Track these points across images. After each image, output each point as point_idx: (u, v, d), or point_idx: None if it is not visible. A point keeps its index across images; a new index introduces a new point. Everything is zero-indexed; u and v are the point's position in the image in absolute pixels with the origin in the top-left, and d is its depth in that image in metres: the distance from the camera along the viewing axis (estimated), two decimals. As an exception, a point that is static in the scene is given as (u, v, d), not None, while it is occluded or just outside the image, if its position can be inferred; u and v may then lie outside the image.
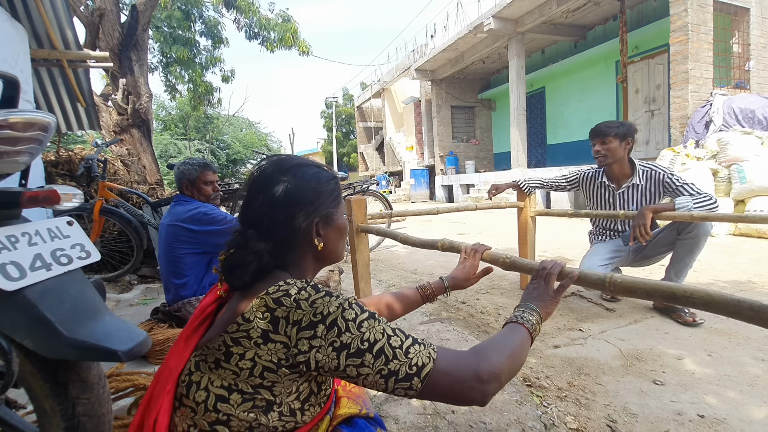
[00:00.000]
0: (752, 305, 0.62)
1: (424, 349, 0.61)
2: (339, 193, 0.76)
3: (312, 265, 0.74)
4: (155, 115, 17.66)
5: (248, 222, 0.71)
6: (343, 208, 0.77)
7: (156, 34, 6.92)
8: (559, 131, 10.92)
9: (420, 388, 0.59)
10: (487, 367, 0.61)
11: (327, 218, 0.72)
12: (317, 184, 0.72)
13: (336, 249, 0.76)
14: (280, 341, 0.58)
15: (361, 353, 0.58)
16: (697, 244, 1.94)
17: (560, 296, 0.80)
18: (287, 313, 0.58)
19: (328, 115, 25.09)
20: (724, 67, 6.03)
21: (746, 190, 4.16)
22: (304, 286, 0.61)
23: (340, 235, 0.76)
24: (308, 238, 0.70)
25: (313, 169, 0.74)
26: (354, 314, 0.60)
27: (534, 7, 7.82)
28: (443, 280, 1.06)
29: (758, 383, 1.37)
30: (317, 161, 0.79)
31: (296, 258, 0.71)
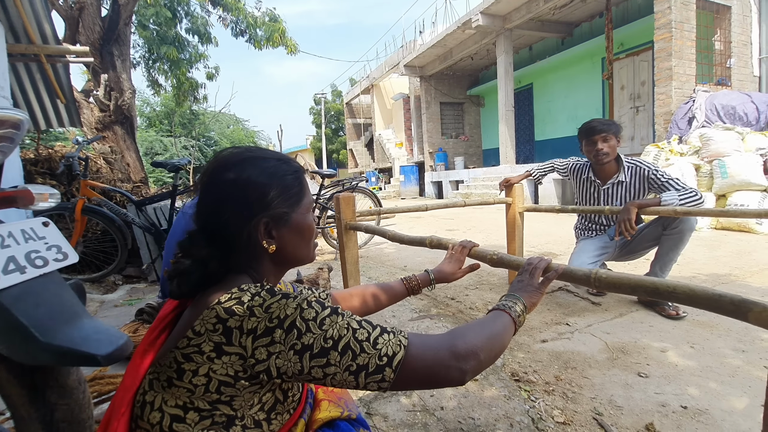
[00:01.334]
0: (732, 299, 0.63)
1: (393, 338, 0.58)
2: (300, 189, 0.69)
3: (271, 268, 0.69)
4: (139, 112, 17.29)
5: (197, 223, 0.66)
6: (306, 206, 0.70)
7: (141, 31, 6.77)
8: (547, 127, 11.02)
9: (393, 378, 0.56)
10: (464, 344, 0.60)
11: (280, 218, 0.65)
12: (268, 179, 0.65)
13: (297, 251, 0.70)
14: (236, 353, 0.54)
15: (326, 352, 0.55)
16: (681, 239, 1.98)
17: (545, 288, 0.81)
18: (240, 322, 0.54)
19: (317, 111, 24.93)
20: (707, 64, 6.14)
21: (727, 185, 4.26)
22: (258, 292, 0.57)
23: (301, 236, 0.69)
24: (255, 241, 0.64)
25: (270, 162, 0.67)
26: (314, 313, 0.56)
27: (521, 4, 7.85)
28: (429, 272, 1.06)
29: (738, 374, 1.40)
30: (283, 154, 0.73)
31: (251, 261, 0.66)
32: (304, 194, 0.70)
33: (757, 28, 6.33)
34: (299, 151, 26.54)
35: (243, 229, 0.63)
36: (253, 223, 0.63)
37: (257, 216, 0.64)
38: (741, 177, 4.16)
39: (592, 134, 2.12)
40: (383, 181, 15.27)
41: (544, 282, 0.81)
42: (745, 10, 6.22)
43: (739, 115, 5.20)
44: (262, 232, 0.64)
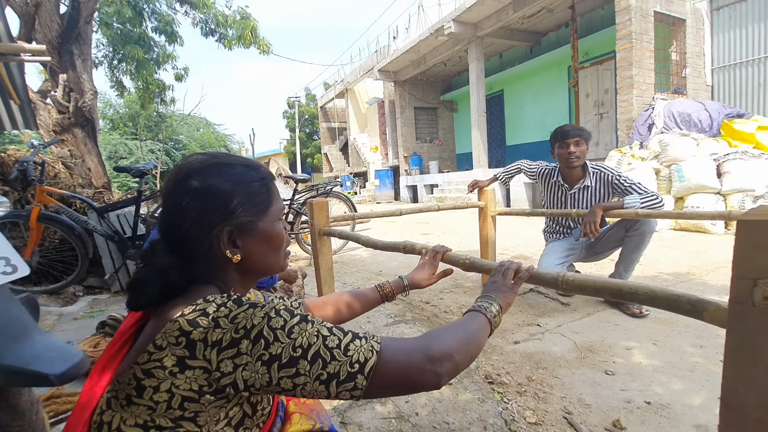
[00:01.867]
0: (689, 300, 0.66)
1: (365, 343, 0.56)
2: (267, 196, 0.67)
3: (238, 278, 0.67)
4: (102, 114, 16.55)
5: (159, 231, 0.64)
6: (274, 214, 0.68)
7: (105, 30, 6.48)
8: (517, 132, 11.33)
9: (366, 385, 0.54)
10: (438, 346, 0.59)
11: (244, 227, 0.63)
12: (232, 186, 0.63)
13: (266, 261, 0.68)
14: (200, 366, 0.52)
15: (295, 361, 0.53)
16: (643, 241, 2.07)
17: (518, 288, 0.82)
18: (204, 334, 0.52)
19: (290, 115, 24.63)
20: (664, 74, 6.50)
21: (684, 188, 4.50)
22: (224, 302, 0.54)
23: (269, 245, 0.67)
24: (217, 250, 0.62)
25: (236, 168, 0.65)
26: (282, 321, 0.54)
27: (492, 12, 8.06)
28: (402, 279, 1.06)
29: (697, 368, 1.48)
30: (252, 160, 0.71)
31: (215, 272, 0.64)
32: (271, 202, 0.68)
33: (709, 41, 6.76)
34: (272, 155, 26.13)
35: (204, 238, 0.61)
36: (215, 232, 0.61)
37: (220, 225, 0.61)
38: (697, 181, 4.41)
39: (565, 137, 2.19)
40: (358, 186, 15.24)
41: (516, 282, 0.83)
42: (698, 23, 6.62)
43: (694, 122, 5.51)
44: (225, 241, 0.62)
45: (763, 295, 0.52)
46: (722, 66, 6.72)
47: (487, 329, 0.70)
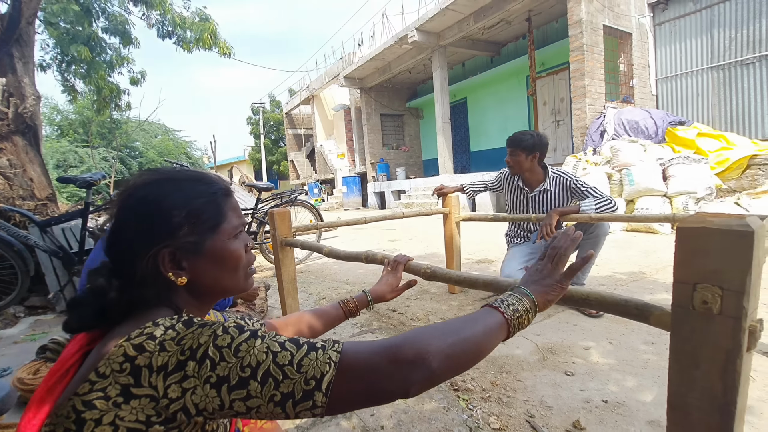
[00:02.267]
0: (636, 305, 0.68)
1: (322, 354, 0.51)
2: (216, 213, 0.62)
3: (191, 301, 0.63)
4: (49, 120, 15.48)
5: (104, 249, 0.61)
6: (226, 232, 0.63)
7: (51, 30, 6.07)
8: (481, 139, 11.66)
9: (326, 402, 0.49)
10: (411, 348, 0.51)
11: (188, 247, 0.59)
12: (174, 203, 0.59)
13: (219, 282, 0.63)
14: (146, 395, 0.47)
15: (244, 383, 0.48)
16: (597, 243, 2.16)
17: (568, 282, 0.68)
18: (149, 359, 0.48)
19: (255, 121, 24.12)
20: (614, 84, 6.90)
21: (634, 191, 4.77)
22: (172, 324, 0.51)
23: (222, 265, 0.63)
24: (158, 272, 0.58)
25: (182, 184, 0.61)
26: (229, 339, 0.50)
27: (454, 23, 8.28)
28: (366, 293, 1.04)
29: (650, 365, 1.55)
30: (206, 174, 0.67)
31: (165, 294, 0.60)
32: (222, 219, 0.63)
33: (653, 53, 7.26)
34: (236, 162, 25.45)
35: (144, 259, 0.57)
36: (152, 253, 0.57)
37: (159, 245, 0.57)
38: (645, 184, 4.69)
39: (508, 146, 2.35)
40: (326, 193, 15.10)
41: (568, 273, 0.68)
42: (643, 37, 7.10)
43: (642, 129, 5.88)
44: (166, 262, 0.58)
45: (702, 299, 0.54)
46: (665, 77, 7.23)
47: (498, 331, 0.59)
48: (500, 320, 0.59)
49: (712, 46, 6.55)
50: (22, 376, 1.55)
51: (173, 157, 17.41)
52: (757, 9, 5.99)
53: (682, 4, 6.87)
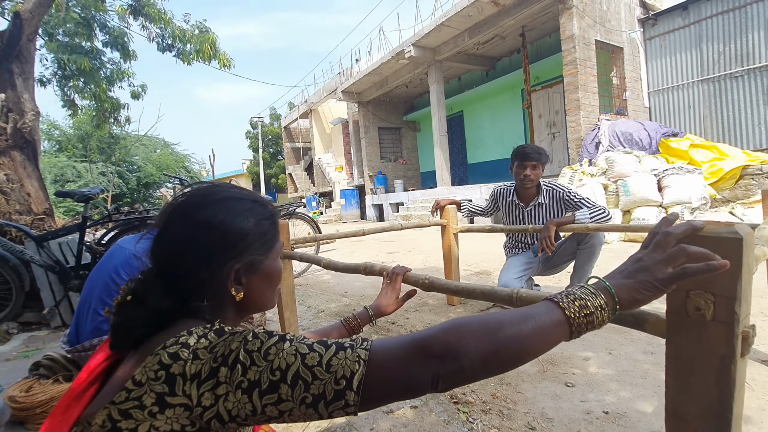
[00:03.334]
0: (632, 312, 0.69)
1: (351, 353, 0.50)
2: (274, 234, 0.67)
3: (232, 315, 0.65)
4: (47, 135, 15.55)
5: (155, 264, 0.61)
6: (277, 251, 0.67)
7: (50, 44, 6.14)
8: (478, 151, 11.76)
9: (358, 401, 0.48)
10: (440, 341, 0.49)
11: (252, 265, 0.62)
12: (244, 223, 0.62)
13: (263, 298, 0.67)
14: (180, 404, 0.47)
15: (275, 386, 0.48)
16: (593, 253, 2.17)
17: (671, 285, 0.52)
18: (183, 368, 0.48)
19: (253, 135, 24.28)
20: (607, 96, 7.02)
21: (630, 202, 4.81)
22: (205, 333, 0.51)
23: (270, 283, 0.66)
24: (223, 287, 0.60)
25: (246, 204, 0.64)
26: (259, 343, 0.50)
27: (449, 38, 8.44)
28: (367, 309, 1.05)
29: (649, 376, 1.54)
30: (259, 195, 0.70)
31: (212, 308, 0.61)
32: (277, 239, 0.67)
33: (644, 67, 7.40)
34: (234, 176, 25.51)
35: (213, 276, 0.59)
36: (225, 270, 0.59)
37: (230, 262, 0.60)
38: (641, 194, 4.73)
39: (524, 159, 2.29)
40: (324, 206, 15.13)
41: (676, 275, 0.51)
42: (634, 51, 7.25)
43: (636, 140, 5.96)
44: (232, 279, 0.60)
45: (695, 305, 0.55)
46: (657, 90, 7.36)
47: (555, 330, 0.52)
48: (558, 318, 0.52)
49: (701, 59, 6.69)
50: (14, 393, 1.52)
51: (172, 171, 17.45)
52: (744, 24, 6.15)
53: (671, 20, 7.04)
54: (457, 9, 7.33)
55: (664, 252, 0.53)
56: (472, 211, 2.65)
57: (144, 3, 6.21)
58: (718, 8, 6.41)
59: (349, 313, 1.05)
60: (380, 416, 1.37)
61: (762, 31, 5.99)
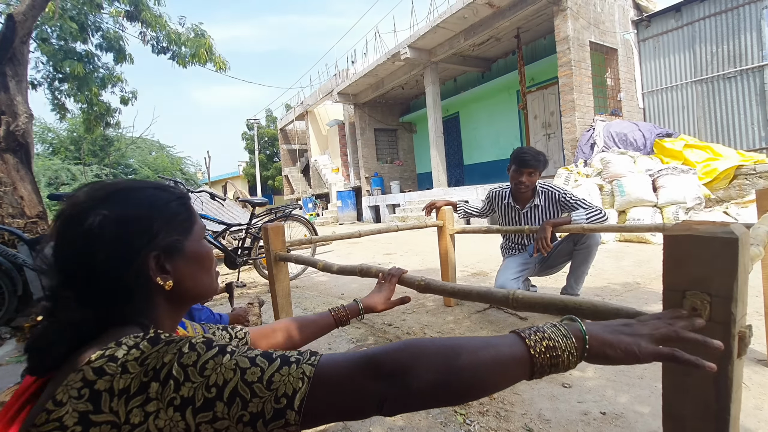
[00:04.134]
0: (628, 312, 0.68)
1: (296, 369, 0.47)
2: (189, 216, 0.63)
3: (168, 310, 0.61)
4: (41, 138, 15.43)
5: (59, 278, 0.55)
6: (198, 233, 0.65)
7: (43, 47, 6.10)
8: (474, 152, 11.79)
9: (299, 420, 0.46)
10: (392, 361, 0.47)
11: (172, 248, 0.59)
12: (148, 209, 0.58)
13: (198, 283, 0.63)
14: (106, 422, 0.44)
15: (210, 404, 0.45)
16: (590, 253, 2.17)
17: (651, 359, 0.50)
18: (110, 383, 0.44)
19: (249, 137, 24.22)
20: (602, 98, 7.06)
21: (626, 202, 4.83)
22: (136, 343, 0.47)
23: (200, 264, 0.63)
24: (146, 280, 0.56)
25: (147, 191, 0.61)
26: (195, 356, 0.47)
27: (445, 40, 8.46)
28: (357, 302, 1.04)
29: (646, 376, 1.54)
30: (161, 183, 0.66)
31: (141, 308, 0.57)
32: (194, 221, 0.65)
33: (638, 68, 7.45)
34: (230, 178, 25.42)
35: (127, 270, 0.55)
36: (139, 259, 0.56)
37: (143, 251, 0.56)
38: (636, 195, 4.75)
39: (522, 165, 2.27)
40: (320, 207, 15.10)
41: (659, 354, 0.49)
42: (628, 52, 7.30)
43: (630, 141, 5.99)
44: (153, 267, 0.57)
45: (691, 305, 0.55)
46: (651, 91, 7.41)
47: (514, 366, 0.48)
48: (521, 354, 0.48)
49: (694, 60, 6.75)
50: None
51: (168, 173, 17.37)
52: (737, 25, 6.21)
53: (664, 21, 7.09)
54: (453, 11, 7.35)
55: (658, 330, 0.51)
56: (468, 212, 2.65)
57: (141, 8, 6.19)
58: (711, 10, 6.47)
59: (343, 305, 1.04)
60: (377, 418, 1.36)
61: (754, 33, 6.05)
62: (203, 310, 1.78)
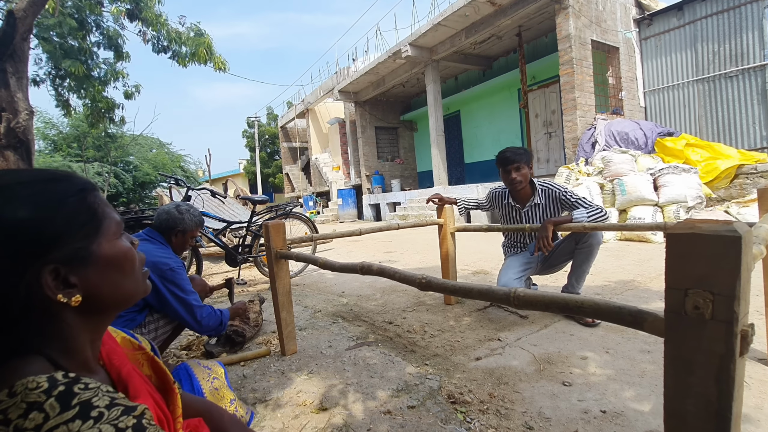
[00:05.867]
0: (630, 311, 0.68)
1: None
2: (93, 213, 0.51)
3: (83, 326, 0.50)
4: (42, 135, 15.44)
5: None
6: (112, 231, 0.53)
7: (44, 44, 6.10)
8: (474, 151, 11.78)
9: None
10: None
11: (74, 258, 0.48)
12: (36, 211, 0.46)
13: (118, 290, 0.53)
14: None
15: None
16: (591, 252, 2.17)
17: None
18: None
19: (250, 134, 24.20)
20: (603, 96, 7.04)
21: (627, 201, 4.82)
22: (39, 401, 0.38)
23: (118, 269, 0.53)
24: (43, 299, 0.46)
25: (34, 187, 0.48)
26: None
27: (446, 38, 8.44)
28: None
29: (647, 374, 1.54)
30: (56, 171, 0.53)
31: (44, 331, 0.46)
32: (101, 217, 0.52)
33: (640, 67, 7.43)
34: (231, 176, 25.42)
35: (13, 291, 0.44)
36: (26, 278, 0.45)
37: (31, 268, 0.45)
38: (637, 194, 4.74)
39: (505, 164, 2.27)
40: (321, 205, 15.10)
41: None
42: (630, 51, 7.28)
43: (631, 140, 5.98)
44: (49, 284, 0.46)
45: (693, 304, 0.55)
46: (653, 89, 7.39)
47: None
48: None
49: (696, 59, 6.73)
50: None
51: (168, 170, 17.38)
52: (739, 24, 6.18)
53: (666, 20, 7.07)
54: (454, 8, 7.33)
55: None
56: (468, 206, 2.64)
57: (142, 7, 6.18)
58: (713, 8, 6.45)
59: (347, 312, 1.03)
60: (377, 416, 1.36)
61: (756, 32, 6.03)
62: (204, 308, 1.79)
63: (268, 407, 1.48)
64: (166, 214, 1.84)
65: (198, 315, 1.74)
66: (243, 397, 1.57)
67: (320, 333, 2.26)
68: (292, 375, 1.74)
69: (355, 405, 1.45)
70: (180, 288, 1.69)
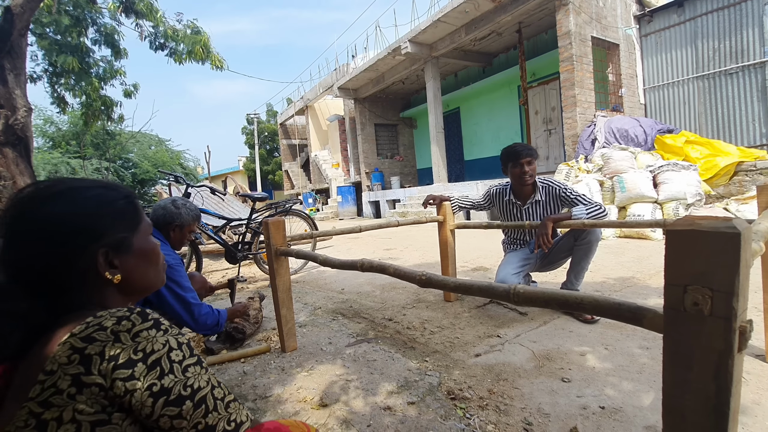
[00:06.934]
0: (629, 308, 0.69)
1: (242, 408, 0.59)
2: (135, 213, 0.67)
3: (119, 301, 0.64)
4: (41, 132, 15.40)
5: (9, 272, 0.57)
6: (145, 230, 0.69)
7: (40, 41, 6.07)
8: (474, 148, 11.77)
9: None
10: None
11: (119, 245, 0.63)
12: (97, 207, 0.62)
13: (146, 277, 0.67)
14: (96, 384, 0.48)
15: (182, 400, 0.52)
16: (590, 249, 2.18)
17: None
18: (102, 347, 0.49)
19: (249, 131, 24.15)
20: (603, 93, 7.03)
21: (626, 198, 4.83)
22: (126, 315, 0.52)
23: (147, 260, 0.67)
24: (94, 275, 0.60)
25: (94, 190, 0.63)
26: (181, 356, 0.54)
27: (446, 34, 8.41)
28: None
29: (645, 370, 1.55)
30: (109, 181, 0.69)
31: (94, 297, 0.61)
32: (141, 218, 0.69)
33: (640, 63, 7.41)
34: (230, 173, 25.38)
35: (75, 264, 0.58)
36: (87, 255, 0.59)
37: (90, 247, 0.59)
38: (636, 191, 4.75)
39: (519, 158, 2.27)
40: (320, 202, 15.09)
41: None
42: (630, 48, 7.26)
43: (631, 137, 5.98)
44: (102, 263, 0.60)
45: (692, 300, 0.55)
46: (653, 86, 7.38)
47: None
48: None
49: (696, 56, 6.71)
50: None
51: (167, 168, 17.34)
52: (739, 21, 6.17)
53: (666, 17, 7.05)
54: (454, 5, 7.30)
55: None
56: (462, 205, 2.63)
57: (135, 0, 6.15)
58: (713, 5, 6.43)
59: (347, 309, 1.04)
60: (377, 412, 1.37)
61: (756, 28, 6.01)
62: (202, 306, 1.79)
63: (269, 404, 1.49)
64: (163, 210, 1.83)
65: (195, 313, 1.74)
66: (243, 393, 1.58)
67: (320, 330, 2.27)
68: (293, 371, 1.74)
69: (355, 401, 1.46)
70: (178, 285, 1.69)
